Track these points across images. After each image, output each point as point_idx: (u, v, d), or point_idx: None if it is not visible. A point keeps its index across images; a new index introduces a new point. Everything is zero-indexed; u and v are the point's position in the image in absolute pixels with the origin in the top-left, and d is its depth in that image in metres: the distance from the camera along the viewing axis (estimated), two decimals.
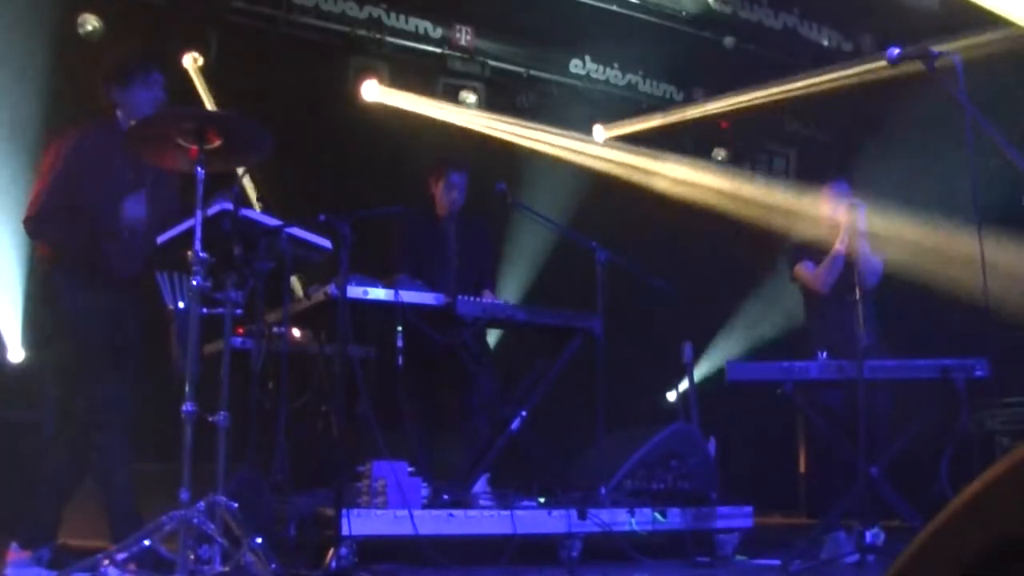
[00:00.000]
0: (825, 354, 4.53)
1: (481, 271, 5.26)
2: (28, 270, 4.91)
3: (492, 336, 6.34)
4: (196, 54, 6.02)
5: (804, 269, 5.07)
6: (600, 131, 7.59)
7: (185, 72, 5.97)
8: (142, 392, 3.90)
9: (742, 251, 7.50)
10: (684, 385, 5.54)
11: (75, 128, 3.86)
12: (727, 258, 7.64)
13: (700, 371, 7.14)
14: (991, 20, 6.41)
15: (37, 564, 3.52)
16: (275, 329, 4.27)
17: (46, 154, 3.83)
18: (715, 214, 7.58)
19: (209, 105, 5.81)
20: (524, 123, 7.24)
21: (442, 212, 5.26)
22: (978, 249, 3.41)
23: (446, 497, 4.16)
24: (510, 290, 6.83)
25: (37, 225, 3.74)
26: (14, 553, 3.54)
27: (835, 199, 5.03)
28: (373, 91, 6.70)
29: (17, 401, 5.03)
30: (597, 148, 7.57)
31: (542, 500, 4.34)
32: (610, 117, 7.60)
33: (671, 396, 7.14)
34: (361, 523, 3.71)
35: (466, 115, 7.07)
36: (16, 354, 5.23)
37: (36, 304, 3.93)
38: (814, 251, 5.05)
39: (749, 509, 4.62)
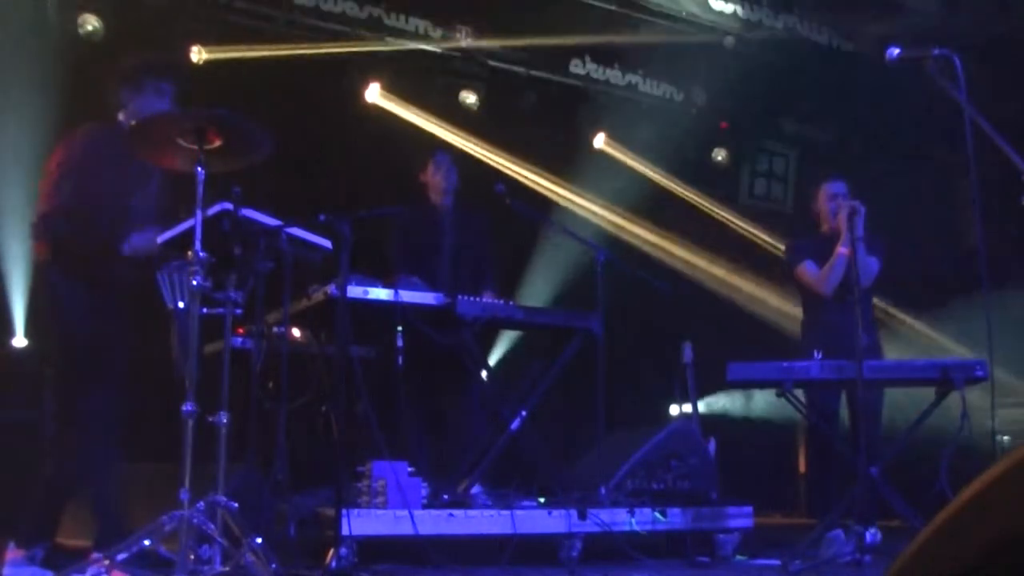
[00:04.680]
0: (820, 354, 4.53)
1: (478, 264, 5.25)
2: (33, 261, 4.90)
3: (504, 341, 6.36)
4: (202, 50, 6.02)
5: (806, 270, 5.05)
6: (601, 139, 7.60)
7: (191, 72, 5.97)
8: (141, 393, 3.90)
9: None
10: (687, 407, 5.53)
11: (80, 129, 3.87)
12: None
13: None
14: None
15: (31, 563, 3.52)
16: (275, 329, 4.27)
17: (53, 155, 3.83)
18: None
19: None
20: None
21: (436, 198, 5.26)
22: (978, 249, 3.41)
23: (446, 497, 4.16)
24: (510, 290, 6.82)
25: (48, 227, 3.74)
26: (11, 552, 3.54)
27: (831, 200, 5.03)
28: (375, 95, 6.70)
29: (16, 399, 5.03)
30: None
31: (542, 500, 4.34)
32: (610, 118, 7.59)
33: (674, 410, 7.14)
34: (361, 523, 3.71)
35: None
36: (20, 340, 5.22)
37: (35, 300, 3.92)
38: (814, 250, 5.04)
39: (749, 509, 4.62)
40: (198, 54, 6.01)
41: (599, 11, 6.95)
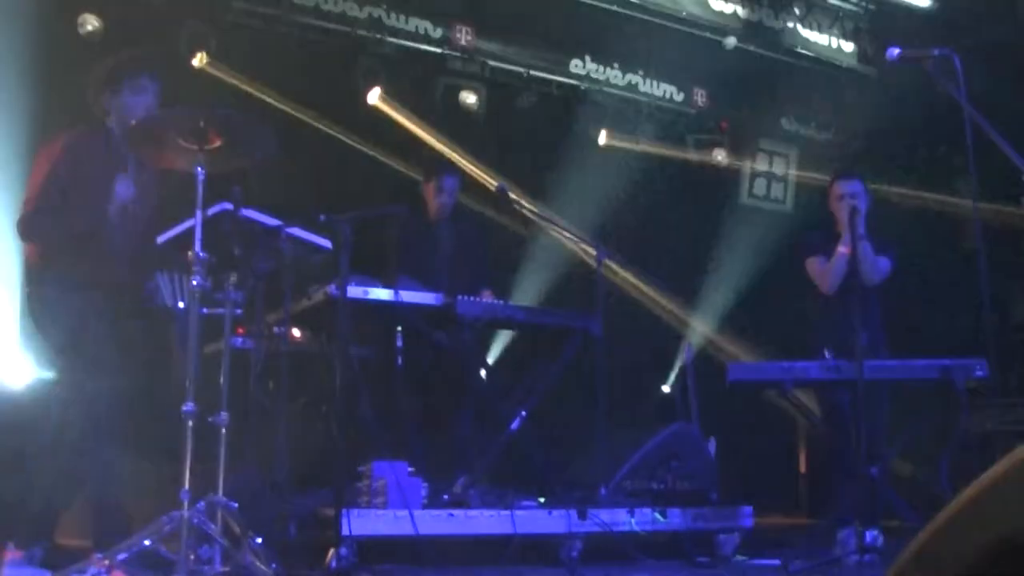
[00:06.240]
0: (830, 353, 4.53)
1: (475, 275, 5.23)
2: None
3: (501, 339, 6.36)
4: (203, 54, 6.01)
5: (814, 265, 5.05)
6: (604, 136, 7.60)
7: (191, 72, 5.97)
8: (141, 393, 3.89)
9: None
10: (678, 370, 5.53)
11: (64, 134, 3.86)
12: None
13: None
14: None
15: (29, 563, 3.51)
16: (275, 329, 4.27)
17: (36, 159, 3.82)
18: None
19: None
20: None
21: (433, 216, 5.25)
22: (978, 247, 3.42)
23: (446, 497, 4.16)
24: (510, 290, 6.83)
25: (27, 225, 3.73)
26: (10, 553, 3.54)
27: (839, 199, 5.01)
28: (375, 98, 6.70)
29: (17, 401, 5.01)
30: None
31: (542, 500, 4.34)
32: (610, 117, 7.60)
33: (666, 388, 7.16)
34: (361, 523, 3.71)
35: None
36: (17, 378, 5.07)
37: (27, 301, 3.89)
38: (824, 245, 5.03)
39: (749, 509, 4.62)
40: (200, 60, 6.01)
41: (599, 11, 6.94)
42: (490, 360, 6.36)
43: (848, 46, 7.68)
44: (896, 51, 3.48)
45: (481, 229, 5.45)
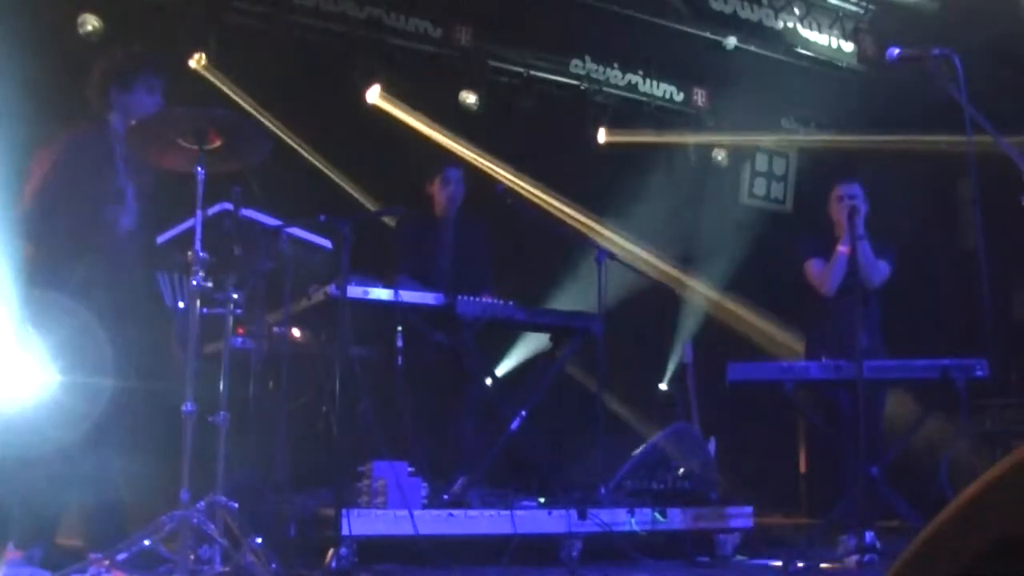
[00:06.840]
0: (824, 356, 4.53)
1: (477, 275, 5.23)
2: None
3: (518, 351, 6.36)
4: (202, 55, 6.01)
5: (812, 267, 5.05)
6: (603, 136, 7.60)
7: (189, 73, 5.97)
8: (140, 393, 3.89)
9: None
10: (675, 369, 5.53)
11: (64, 132, 3.85)
12: None
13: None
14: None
15: (29, 563, 3.51)
16: (275, 329, 4.27)
17: (36, 157, 3.81)
18: None
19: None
20: None
21: (441, 212, 5.24)
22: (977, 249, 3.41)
23: (446, 497, 4.16)
24: (510, 290, 6.81)
25: (25, 224, 3.72)
26: (9, 553, 3.54)
27: (839, 200, 5.00)
28: (375, 96, 6.69)
29: (17, 402, 5.00)
30: None
31: (542, 500, 4.34)
32: (610, 117, 7.59)
33: (663, 386, 7.16)
34: (361, 523, 3.71)
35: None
36: (16, 379, 5.02)
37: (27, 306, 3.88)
38: (822, 248, 5.03)
39: (749, 509, 4.62)
40: (198, 61, 6.01)
41: (599, 11, 6.94)
42: (502, 370, 6.34)
43: (848, 46, 7.68)
44: (896, 51, 3.48)
45: (485, 233, 5.44)
